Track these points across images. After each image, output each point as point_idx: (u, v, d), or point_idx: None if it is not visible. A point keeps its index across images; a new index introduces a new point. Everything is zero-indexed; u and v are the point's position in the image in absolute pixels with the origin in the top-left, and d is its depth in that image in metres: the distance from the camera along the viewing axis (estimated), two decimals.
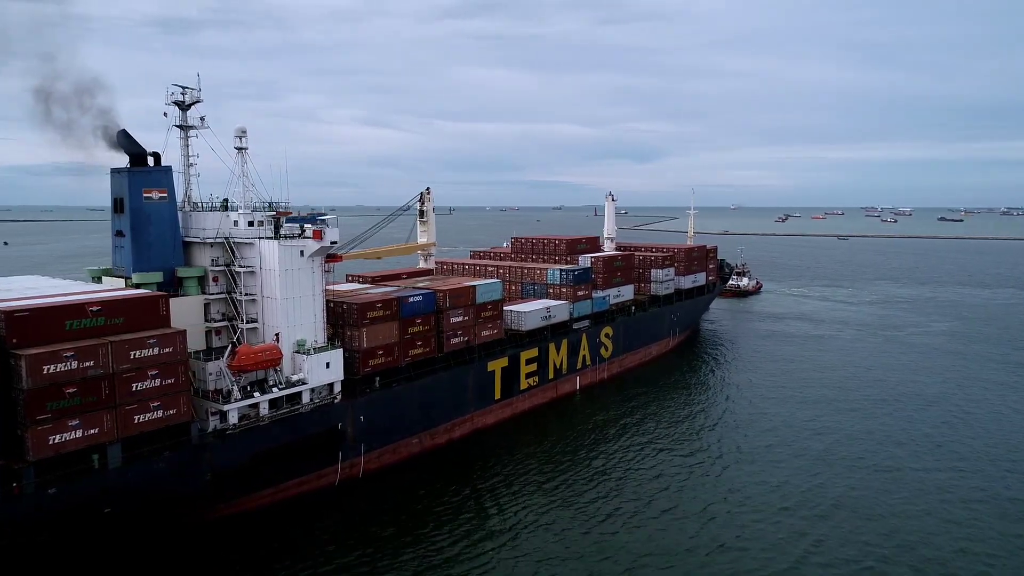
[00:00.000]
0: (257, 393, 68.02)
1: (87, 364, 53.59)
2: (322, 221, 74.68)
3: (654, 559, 59.78)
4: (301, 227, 73.75)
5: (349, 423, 74.96)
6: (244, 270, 72.70)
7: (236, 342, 71.25)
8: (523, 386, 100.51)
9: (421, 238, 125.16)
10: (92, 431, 54.05)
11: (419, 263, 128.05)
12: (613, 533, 64.39)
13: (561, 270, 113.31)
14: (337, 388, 74.90)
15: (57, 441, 52.28)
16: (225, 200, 75.44)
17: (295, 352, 72.30)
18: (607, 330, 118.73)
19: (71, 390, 52.75)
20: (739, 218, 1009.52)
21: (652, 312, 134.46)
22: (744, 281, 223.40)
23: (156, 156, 72.55)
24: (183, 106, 74.67)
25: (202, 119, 75.22)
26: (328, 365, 73.22)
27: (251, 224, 73.19)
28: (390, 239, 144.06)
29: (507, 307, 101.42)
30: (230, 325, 73.50)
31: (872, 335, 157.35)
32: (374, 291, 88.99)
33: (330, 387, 74.32)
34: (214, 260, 73.55)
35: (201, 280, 73.21)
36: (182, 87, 74.41)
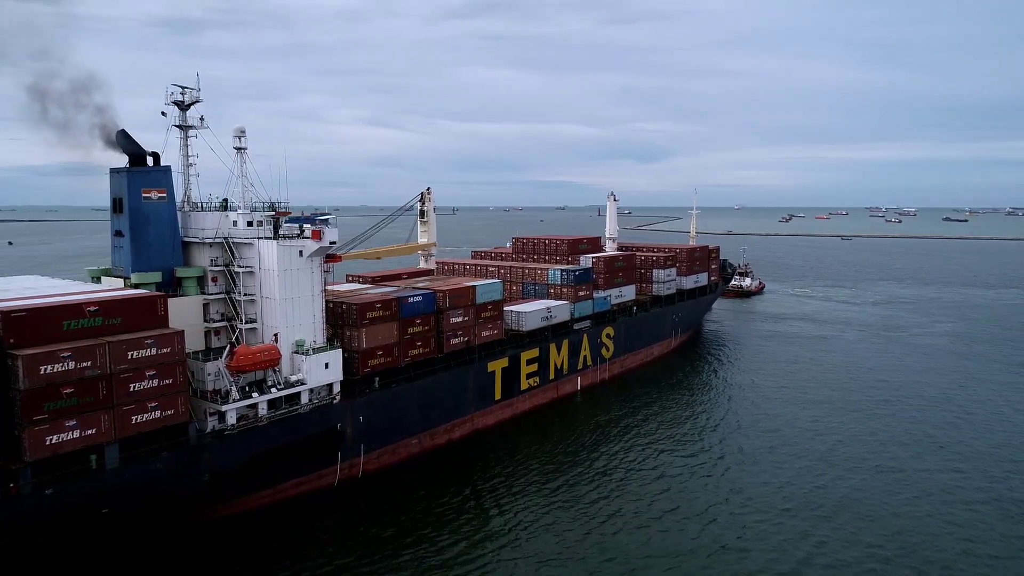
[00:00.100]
0: (256, 394, 67.84)
1: (84, 364, 53.42)
2: (321, 221, 74.51)
3: (656, 560, 59.43)
4: (300, 227, 73.57)
5: (348, 424, 74.71)
6: (243, 270, 72.52)
7: (235, 342, 71.08)
8: (523, 387, 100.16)
9: (421, 238, 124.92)
10: (89, 431, 53.90)
11: (420, 263, 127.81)
12: (614, 534, 64.05)
13: (562, 270, 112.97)
14: (336, 388, 74.66)
15: (54, 441, 52.13)
16: (224, 200, 75.24)
17: (294, 352, 72.08)
18: (608, 330, 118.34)
19: (68, 390, 52.59)
20: (743, 218, 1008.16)
21: (654, 312, 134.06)
22: (747, 281, 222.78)
23: (155, 156, 72.40)
24: (182, 106, 74.46)
25: (201, 119, 75.03)
26: (327, 365, 73.01)
27: (250, 224, 72.99)
28: (392, 239, 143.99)
29: (508, 307, 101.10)
30: (229, 325, 73.34)
31: (875, 336, 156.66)
32: (374, 291, 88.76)
33: (329, 387, 74.09)
34: (213, 260, 73.38)
35: (200, 280, 73.05)
36: (181, 87, 74.25)
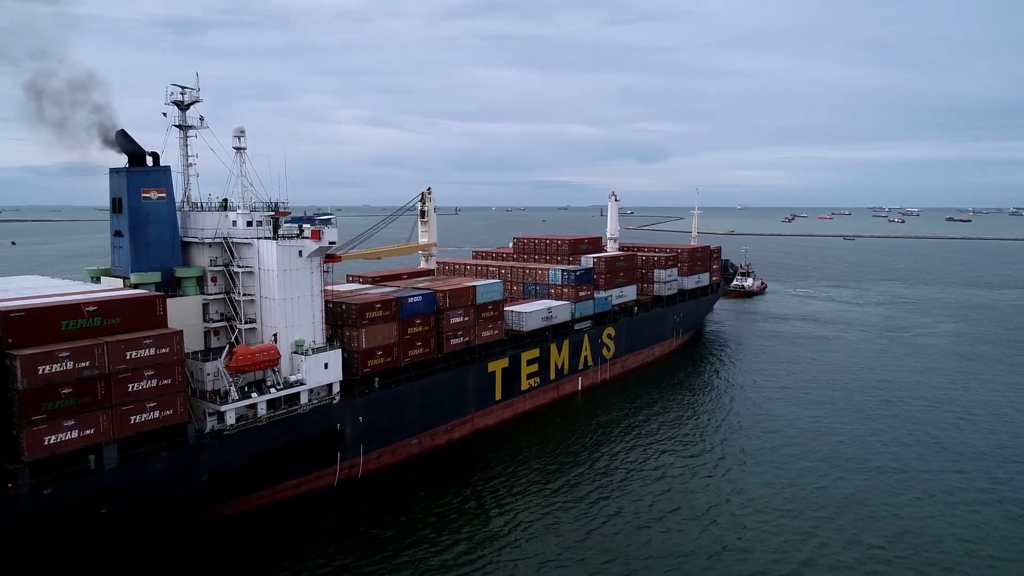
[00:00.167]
0: (255, 394, 67.72)
1: (83, 364, 53.36)
2: (321, 221, 74.39)
3: (657, 561, 59.19)
4: (299, 227, 73.46)
5: (348, 424, 74.56)
6: (243, 270, 72.41)
7: (234, 342, 70.97)
8: (524, 387, 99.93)
9: (422, 238, 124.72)
10: (88, 431, 53.84)
11: (420, 263, 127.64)
12: (615, 534, 63.83)
13: (563, 270, 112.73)
14: (336, 389, 74.53)
15: (52, 441, 52.09)
16: (224, 200, 75.15)
17: (293, 353, 71.95)
18: (609, 331, 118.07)
19: (67, 390, 52.54)
20: (745, 218, 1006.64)
21: (655, 313, 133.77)
22: (748, 281, 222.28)
23: (155, 156, 72.32)
24: (182, 106, 74.37)
25: (201, 119, 74.93)
26: (326, 366, 72.89)
27: (250, 224, 72.90)
28: (393, 239, 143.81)
29: (508, 307, 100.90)
30: (228, 325, 73.24)
31: (878, 336, 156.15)
32: (373, 291, 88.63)
33: (329, 388, 73.96)
34: (213, 260, 73.29)
35: (200, 280, 72.95)
36: (181, 87, 74.17)
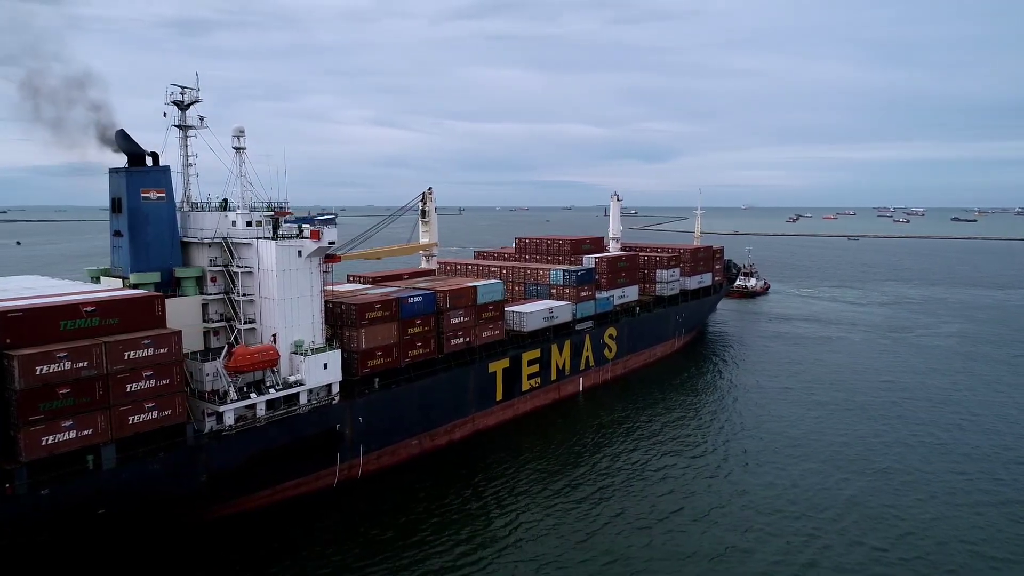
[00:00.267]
0: (254, 394, 67.57)
1: (81, 364, 53.26)
2: (322, 221, 74.19)
3: (659, 563, 58.89)
4: (299, 227, 73.30)
5: (347, 424, 74.37)
6: (242, 270, 72.33)
7: (233, 343, 70.85)
8: (525, 387, 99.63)
9: (423, 238, 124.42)
10: (86, 432, 53.75)
11: (421, 263, 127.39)
12: (617, 535, 63.55)
13: (564, 270, 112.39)
14: (335, 389, 74.35)
15: (50, 442, 51.99)
16: (224, 200, 75.06)
17: (293, 353, 71.79)
18: (611, 331, 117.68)
19: (64, 391, 52.43)
20: (750, 218, 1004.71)
21: (657, 313, 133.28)
22: (751, 282, 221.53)
23: (154, 156, 72.26)
24: (182, 106, 74.29)
25: (201, 119, 74.82)
26: (326, 366, 72.72)
27: (249, 224, 72.78)
28: (394, 239, 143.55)
29: (509, 308, 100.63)
30: (228, 326, 73.13)
31: (882, 336, 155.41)
32: (373, 291, 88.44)
33: (328, 388, 73.78)
34: (212, 260, 73.20)
35: (199, 280, 72.88)
36: (181, 87, 74.08)
